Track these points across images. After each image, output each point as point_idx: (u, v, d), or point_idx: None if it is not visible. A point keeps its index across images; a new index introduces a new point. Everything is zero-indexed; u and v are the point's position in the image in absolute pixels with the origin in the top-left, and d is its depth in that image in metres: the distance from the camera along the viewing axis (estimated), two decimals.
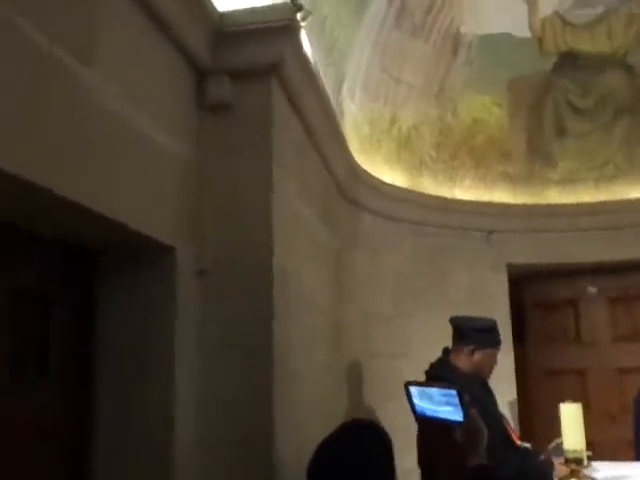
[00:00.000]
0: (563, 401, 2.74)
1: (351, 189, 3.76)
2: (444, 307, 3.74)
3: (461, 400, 1.81)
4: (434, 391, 1.88)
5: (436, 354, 3.04)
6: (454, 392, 1.83)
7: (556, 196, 4.86)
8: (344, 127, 3.57)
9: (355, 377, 3.80)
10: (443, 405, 1.85)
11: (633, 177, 4.73)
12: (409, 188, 4.36)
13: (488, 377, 3.01)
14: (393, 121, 4.19)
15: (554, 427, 2.83)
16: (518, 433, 3.11)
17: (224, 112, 2.17)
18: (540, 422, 4.59)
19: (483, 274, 4.66)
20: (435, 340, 3.21)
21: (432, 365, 2.94)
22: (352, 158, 3.60)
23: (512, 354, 4.59)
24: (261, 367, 2.04)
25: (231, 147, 2.17)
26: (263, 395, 2.04)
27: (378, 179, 4.08)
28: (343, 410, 3.43)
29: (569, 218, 4.77)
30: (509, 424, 3.07)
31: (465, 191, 4.73)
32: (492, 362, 2.98)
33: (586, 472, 2.60)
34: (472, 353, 2.94)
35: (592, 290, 5.00)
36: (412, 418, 1.99)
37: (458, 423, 1.81)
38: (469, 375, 2.85)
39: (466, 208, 4.64)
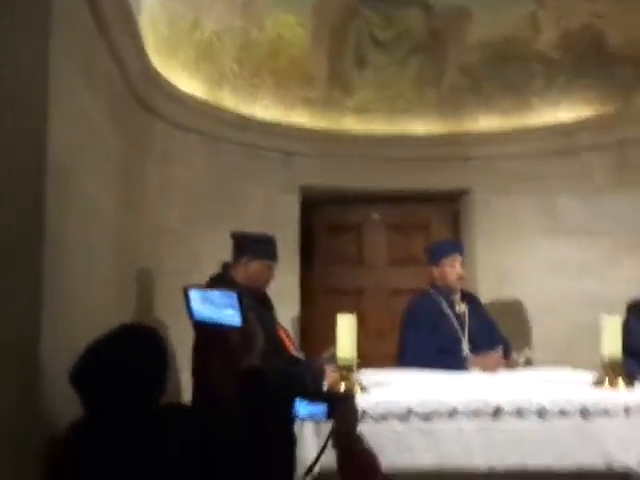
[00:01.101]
0: None
1: (145, 93, 3.52)
2: (236, 225, 3.69)
3: (240, 303, 1.81)
4: (215, 294, 1.85)
5: None
6: (234, 295, 1.82)
7: (351, 124, 5.01)
8: (140, 23, 3.29)
9: (144, 293, 3.67)
10: (224, 308, 1.83)
11: (421, 112, 5.02)
12: (208, 100, 4.20)
13: (264, 289, 3.08)
14: (195, 25, 3.96)
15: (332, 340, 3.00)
16: (296, 345, 3.24)
17: None
18: (320, 337, 4.86)
19: (277, 195, 4.71)
20: (226, 259, 3.20)
21: (210, 278, 2.93)
22: (147, 58, 3.35)
23: (298, 273, 4.76)
24: (25, 265, 1.86)
25: None
26: (26, 299, 1.86)
27: (175, 86, 3.87)
28: None
29: (361, 146, 4.96)
30: (289, 336, 3.18)
31: (265, 110, 4.68)
32: (268, 274, 3.05)
33: (355, 378, 2.78)
34: (248, 264, 2.97)
35: (375, 216, 5.32)
36: None
37: (236, 326, 1.82)
38: (245, 286, 2.90)
39: (264, 128, 4.61)
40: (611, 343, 2.91)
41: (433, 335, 3.54)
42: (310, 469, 1.80)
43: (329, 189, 5.00)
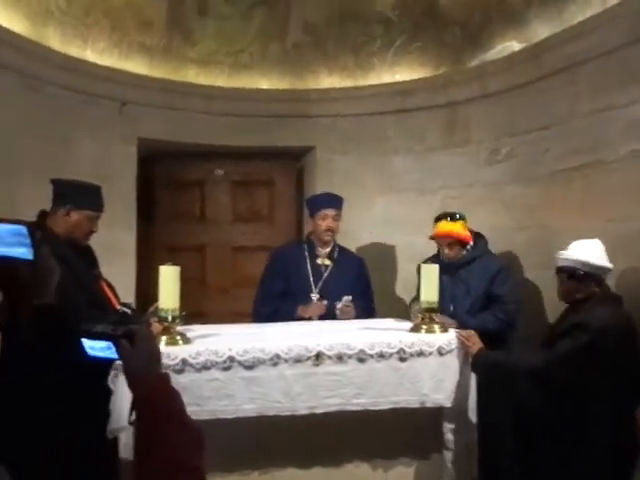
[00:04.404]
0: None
1: None
2: (64, 176, 3.44)
3: (32, 237, 1.65)
4: (2, 229, 1.67)
5: None
6: (24, 229, 1.66)
7: (193, 75, 4.84)
8: None
9: None
10: (15, 246, 1.67)
11: (263, 68, 4.94)
12: (28, 37, 3.84)
13: (85, 241, 2.90)
14: None
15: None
16: (120, 299, 3.08)
17: None
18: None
19: (112, 146, 4.47)
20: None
21: None
22: None
23: (135, 229, 4.57)
24: None
25: None
26: None
27: None
28: None
29: (204, 99, 4.82)
30: (113, 290, 3.03)
31: (98, 55, 4.38)
32: (90, 225, 2.86)
33: (178, 329, 2.72)
34: (68, 213, 2.78)
35: (219, 172, 5.22)
36: None
37: (25, 260, 1.66)
38: (65, 237, 2.73)
39: (98, 73, 4.32)
40: (428, 290, 3.06)
41: (280, 280, 3.67)
42: (130, 420, 1.69)
43: (170, 143, 4.81)
